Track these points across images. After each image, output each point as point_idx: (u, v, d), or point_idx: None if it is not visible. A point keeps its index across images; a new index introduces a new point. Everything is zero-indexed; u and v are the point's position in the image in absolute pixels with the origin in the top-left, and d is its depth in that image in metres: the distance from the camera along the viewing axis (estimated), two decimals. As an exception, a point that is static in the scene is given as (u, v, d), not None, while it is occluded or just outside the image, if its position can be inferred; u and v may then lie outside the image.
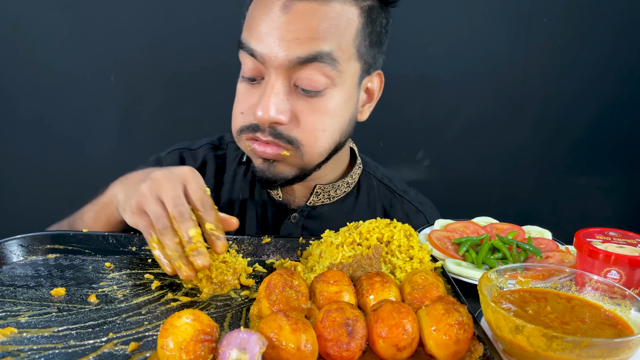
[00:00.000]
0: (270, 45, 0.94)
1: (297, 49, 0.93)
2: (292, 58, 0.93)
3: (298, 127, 0.99)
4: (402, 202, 1.27)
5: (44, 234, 0.95)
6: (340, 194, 1.21)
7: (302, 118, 0.99)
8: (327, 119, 1.01)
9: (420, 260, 0.87)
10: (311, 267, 0.90)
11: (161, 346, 0.58)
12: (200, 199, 0.84)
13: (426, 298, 0.72)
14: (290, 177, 1.06)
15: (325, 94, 0.99)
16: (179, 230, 0.81)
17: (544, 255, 0.98)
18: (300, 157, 1.02)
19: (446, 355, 0.64)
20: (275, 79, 0.96)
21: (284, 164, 1.04)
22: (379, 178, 1.29)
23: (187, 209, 0.81)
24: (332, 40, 0.95)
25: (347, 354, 0.62)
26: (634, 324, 0.68)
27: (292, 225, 1.17)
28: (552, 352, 0.61)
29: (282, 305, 0.70)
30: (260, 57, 0.96)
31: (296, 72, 0.96)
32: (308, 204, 1.17)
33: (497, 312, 0.65)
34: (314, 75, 0.96)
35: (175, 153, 1.26)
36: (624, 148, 2.24)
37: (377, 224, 0.91)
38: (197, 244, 0.80)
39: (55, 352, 0.64)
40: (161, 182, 0.83)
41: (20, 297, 0.77)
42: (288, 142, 1.00)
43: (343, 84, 1.01)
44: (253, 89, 1.01)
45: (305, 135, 1.00)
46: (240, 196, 1.20)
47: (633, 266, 0.76)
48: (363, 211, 1.22)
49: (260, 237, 1.00)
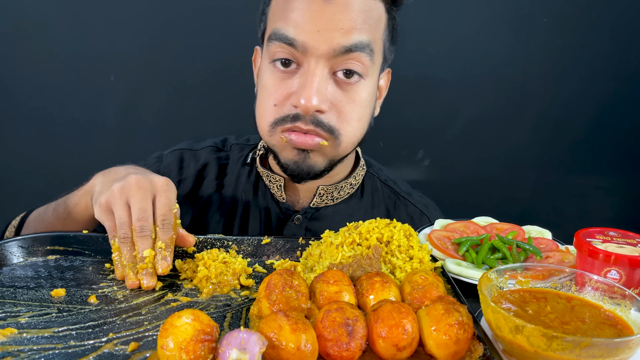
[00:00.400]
0: (313, 34, 0.95)
1: (341, 39, 0.95)
2: (337, 47, 0.95)
3: (337, 116, 1.01)
4: (406, 204, 1.27)
5: (44, 235, 0.95)
6: (344, 195, 1.20)
7: (341, 107, 1.00)
8: (361, 109, 1.04)
9: (420, 260, 0.87)
10: (311, 267, 0.90)
11: (161, 346, 0.58)
12: (163, 216, 0.86)
13: (426, 298, 0.72)
14: (322, 168, 1.06)
15: (360, 85, 1.01)
16: (137, 244, 0.83)
17: (544, 255, 0.98)
18: (336, 146, 1.03)
19: (446, 355, 0.64)
20: (315, 66, 0.96)
21: (318, 155, 1.04)
22: (383, 180, 1.29)
23: (149, 225, 0.84)
24: (369, 31, 0.99)
25: (347, 354, 0.62)
26: (634, 323, 0.68)
27: (296, 227, 1.17)
28: (552, 352, 0.61)
29: (282, 305, 0.70)
30: (301, 46, 0.96)
31: (336, 61, 0.97)
32: (311, 206, 1.17)
33: (497, 312, 0.65)
34: (352, 65, 0.98)
35: (177, 153, 1.26)
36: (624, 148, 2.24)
37: (376, 224, 0.91)
38: (148, 265, 0.83)
39: (55, 353, 0.64)
40: (133, 188, 0.85)
41: (20, 298, 0.77)
42: (328, 131, 1.00)
43: (372, 76, 1.04)
44: (286, 80, 1.00)
45: (343, 124, 1.02)
46: (244, 198, 1.19)
47: (633, 266, 0.76)
48: (367, 213, 1.22)
49: (260, 237, 1.00)
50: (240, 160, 1.24)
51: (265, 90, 1.04)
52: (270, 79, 1.02)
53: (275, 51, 0.99)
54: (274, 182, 1.17)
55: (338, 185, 1.18)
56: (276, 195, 1.18)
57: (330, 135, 1.01)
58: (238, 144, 1.28)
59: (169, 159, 1.25)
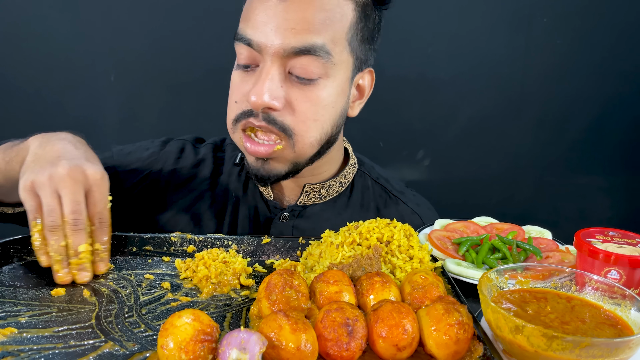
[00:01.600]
0: (266, 33, 0.95)
1: (292, 39, 0.95)
2: (287, 47, 0.95)
3: (291, 114, 1.00)
4: (397, 202, 1.26)
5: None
6: (333, 193, 1.20)
7: (296, 106, 0.99)
8: (320, 109, 1.02)
9: (420, 260, 0.87)
10: (311, 267, 0.90)
11: (161, 346, 0.58)
12: (99, 214, 0.84)
13: (426, 298, 0.72)
14: (283, 172, 1.06)
15: (319, 84, 1.00)
16: (69, 237, 0.81)
17: (544, 255, 0.98)
18: (292, 147, 1.02)
19: (446, 355, 0.64)
20: (270, 65, 0.97)
21: (276, 161, 1.05)
22: (375, 178, 1.28)
23: (83, 219, 0.81)
24: (326, 32, 0.97)
25: (347, 354, 0.62)
26: (634, 323, 0.68)
27: (283, 225, 1.17)
28: (552, 352, 0.61)
29: (282, 305, 0.69)
30: (256, 46, 0.97)
31: (291, 61, 0.97)
32: (298, 204, 1.17)
33: (497, 312, 0.65)
34: (307, 65, 0.97)
35: (180, 142, 1.27)
36: (624, 148, 2.24)
37: (377, 224, 0.91)
38: (84, 261, 0.82)
39: (55, 352, 0.64)
40: (66, 180, 0.80)
41: (20, 298, 0.77)
42: (281, 130, 1.00)
43: (336, 76, 1.02)
44: (247, 77, 1.02)
45: (297, 123, 1.00)
46: (234, 196, 1.20)
47: (633, 266, 0.76)
48: (355, 211, 1.21)
49: (260, 237, 1.00)
50: (232, 159, 1.26)
51: (230, 88, 1.06)
52: (235, 77, 1.05)
53: (239, 52, 1.02)
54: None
55: (325, 183, 1.18)
56: (263, 193, 1.19)
57: (284, 135, 1.00)
58: (231, 144, 1.29)
59: (171, 146, 1.26)
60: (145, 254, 0.96)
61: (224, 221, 1.19)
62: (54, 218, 0.80)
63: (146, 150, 1.25)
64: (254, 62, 1.01)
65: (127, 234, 0.97)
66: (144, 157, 1.23)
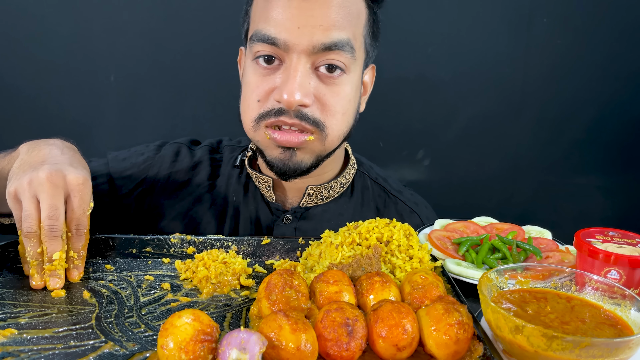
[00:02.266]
0: (292, 31, 0.96)
1: (320, 36, 0.96)
2: (317, 44, 0.96)
3: (320, 109, 1.01)
4: (395, 202, 1.27)
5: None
6: (334, 194, 1.20)
7: (325, 100, 1.01)
8: (345, 102, 1.04)
9: (420, 260, 0.87)
10: (311, 267, 0.90)
11: (161, 346, 0.58)
12: (77, 220, 0.83)
13: (426, 298, 0.72)
14: (308, 165, 1.06)
15: (342, 79, 1.02)
16: (44, 243, 0.80)
17: (544, 255, 0.98)
18: (322, 140, 1.04)
19: (446, 355, 0.64)
20: (297, 62, 0.97)
21: (304, 152, 1.05)
22: (374, 178, 1.29)
23: (59, 225, 0.80)
24: (349, 28, 1.00)
25: (347, 353, 0.62)
26: (634, 323, 0.68)
27: (285, 227, 1.17)
28: (552, 352, 0.61)
29: (282, 305, 0.70)
30: (282, 44, 0.97)
31: (317, 57, 0.99)
32: (301, 205, 1.17)
33: (497, 312, 0.65)
34: (334, 60, 0.99)
35: (175, 146, 1.26)
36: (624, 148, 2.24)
37: (376, 224, 0.91)
38: (57, 267, 0.81)
39: (55, 353, 0.64)
40: (44, 184, 0.79)
41: (20, 299, 0.77)
42: (314, 124, 1.01)
43: (355, 72, 1.05)
44: (269, 75, 1.01)
45: (328, 117, 1.02)
46: (235, 199, 1.20)
47: (633, 266, 0.76)
48: (356, 212, 1.22)
49: (260, 238, 1.00)
50: (230, 161, 1.25)
51: (248, 86, 1.05)
52: (253, 75, 1.03)
53: (257, 51, 1.01)
54: (262, 183, 1.18)
55: (327, 185, 1.18)
56: (265, 195, 1.19)
57: (316, 129, 1.01)
58: (230, 146, 1.29)
59: (167, 150, 1.25)
60: (145, 256, 0.96)
61: (225, 225, 1.19)
62: (29, 224, 0.79)
63: (141, 156, 1.24)
64: (277, 60, 1.01)
65: (126, 236, 0.96)
66: (139, 163, 1.23)
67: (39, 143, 0.93)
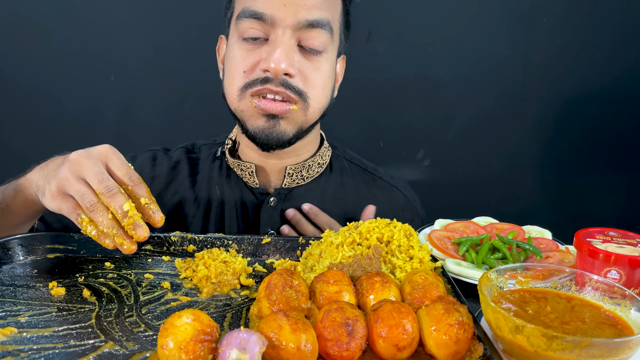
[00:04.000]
0: (280, 8, 1.04)
1: (304, 13, 1.05)
2: (301, 20, 1.05)
3: (303, 81, 1.09)
4: (373, 179, 1.33)
5: (44, 234, 0.95)
6: (313, 174, 1.25)
7: (307, 74, 1.09)
8: (325, 78, 1.13)
9: (420, 260, 0.87)
10: (311, 267, 0.90)
11: (161, 346, 0.58)
12: (127, 174, 0.84)
13: (426, 298, 0.72)
14: (290, 135, 1.11)
15: (322, 57, 1.11)
16: (110, 206, 0.80)
17: (544, 255, 0.98)
18: (305, 111, 1.10)
19: (446, 355, 0.64)
20: (282, 36, 1.05)
21: (287, 122, 1.10)
22: (349, 159, 1.35)
23: (113, 183, 0.81)
24: (328, 11, 1.09)
25: (347, 353, 0.62)
26: (634, 323, 0.68)
27: (271, 209, 1.20)
28: (552, 352, 0.61)
29: (282, 305, 0.70)
30: (269, 19, 1.04)
31: (301, 33, 1.07)
32: (283, 186, 1.21)
33: (497, 312, 0.65)
34: (316, 37, 1.08)
35: (150, 153, 1.30)
36: (623, 148, 2.23)
37: (376, 224, 0.91)
38: (134, 217, 0.79)
39: (55, 352, 0.64)
40: (80, 161, 0.82)
41: (20, 297, 0.77)
42: (297, 94, 1.07)
43: (332, 53, 1.14)
44: (255, 49, 1.08)
45: (309, 89, 1.09)
46: (217, 190, 1.23)
47: (633, 266, 0.76)
48: (337, 190, 1.27)
49: (261, 237, 1.00)
50: (209, 157, 1.29)
51: (233, 61, 1.11)
52: (239, 51, 1.10)
53: (245, 27, 1.07)
54: (245, 170, 1.22)
55: (305, 163, 1.23)
56: (249, 182, 1.22)
57: (299, 98, 1.08)
58: (206, 144, 1.34)
59: (142, 158, 1.29)
60: (145, 254, 0.96)
61: (211, 215, 1.22)
62: (88, 199, 0.80)
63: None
64: (263, 35, 1.07)
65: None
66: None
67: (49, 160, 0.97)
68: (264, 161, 1.21)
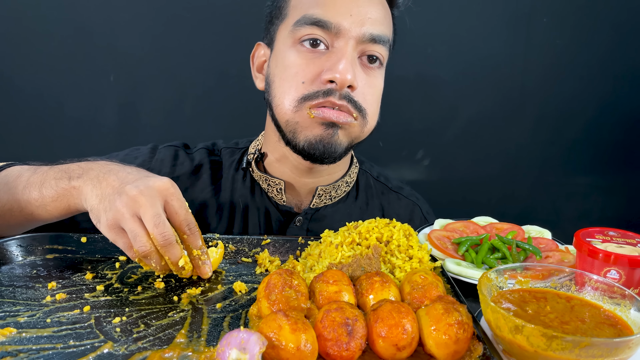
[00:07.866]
0: (346, 17, 1.01)
1: (369, 27, 1.03)
2: (366, 33, 1.02)
3: (362, 96, 1.05)
4: (398, 197, 1.30)
5: (43, 235, 0.95)
6: (341, 193, 1.22)
7: (365, 90, 1.06)
8: (378, 95, 1.11)
9: (420, 260, 0.87)
10: (311, 267, 0.90)
11: None
12: (186, 220, 0.81)
13: (426, 298, 0.72)
14: (343, 148, 1.07)
15: (378, 72, 1.09)
16: (165, 255, 0.79)
17: (543, 255, 0.98)
18: (362, 126, 1.07)
19: (446, 355, 0.64)
20: (347, 46, 1.01)
21: (344, 133, 1.06)
22: (375, 176, 1.32)
23: (169, 230, 0.78)
24: (388, 27, 1.09)
25: (346, 353, 0.62)
26: (633, 323, 0.68)
27: (297, 229, 1.17)
28: (552, 352, 0.61)
29: (281, 305, 0.69)
30: (335, 28, 1.01)
31: (363, 46, 1.04)
32: (311, 206, 1.17)
33: (496, 312, 0.65)
34: (376, 52, 1.06)
35: (172, 149, 1.23)
36: (623, 148, 2.24)
37: (376, 224, 0.91)
38: (188, 270, 0.81)
39: (54, 352, 0.64)
40: (138, 199, 0.77)
41: (19, 297, 0.77)
42: (358, 109, 1.04)
43: (384, 68, 1.12)
44: (315, 59, 1.03)
45: (368, 105, 1.06)
46: (241, 203, 1.18)
47: (633, 266, 0.76)
48: (363, 210, 1.23)
49: (261, 237, 1.00)
50: (232, 164, 1.22)
51: (290, 69, 1.04)
52: (297, 58, 1.04)
53: (304, 34, 1.03)
54: (273, 186, 1.16)
55: (335, 184, 1.19)
56: (275, 198, 1.17)
57: (359, 114, 1.05)
58: (228, 148, 1.27)
59: (163, 153, 1.22)
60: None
61: (234, 229, 1.17)
62: (141, 242, 0.77)
63: (135, 159, 1.19)
64: (325, 43, 1.03)
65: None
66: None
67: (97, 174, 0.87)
68: (295, 179, 1.16)
